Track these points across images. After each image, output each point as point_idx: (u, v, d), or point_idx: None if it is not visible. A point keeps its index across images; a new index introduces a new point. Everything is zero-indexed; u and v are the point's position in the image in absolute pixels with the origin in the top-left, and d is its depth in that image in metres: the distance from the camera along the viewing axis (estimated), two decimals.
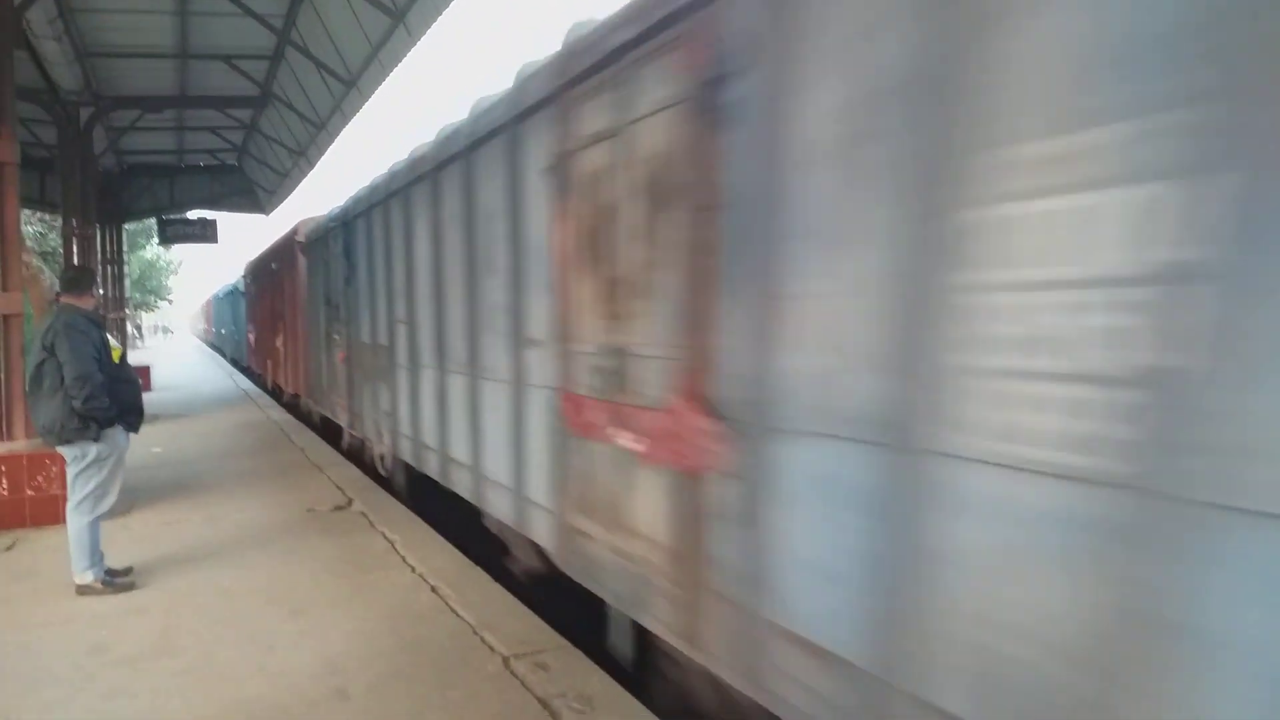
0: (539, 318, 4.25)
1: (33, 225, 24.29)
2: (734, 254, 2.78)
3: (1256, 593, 1.52)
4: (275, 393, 16.34)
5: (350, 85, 12.10)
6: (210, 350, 40.94)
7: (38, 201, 18.84)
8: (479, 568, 5.22)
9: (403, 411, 6.92)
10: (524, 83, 4.39)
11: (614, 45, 3.39)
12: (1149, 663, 1.66)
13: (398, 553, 5.61)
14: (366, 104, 12.60)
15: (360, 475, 8.31)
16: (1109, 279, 1.72)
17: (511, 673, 3.71)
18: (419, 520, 6.44)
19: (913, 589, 2.15)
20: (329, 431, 10.87)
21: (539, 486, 4.35)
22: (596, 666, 3.77)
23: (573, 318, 3.84)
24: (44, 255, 22.78)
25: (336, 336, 9.38)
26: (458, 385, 5.55)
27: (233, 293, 25.85)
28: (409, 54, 10.65)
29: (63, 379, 4.73)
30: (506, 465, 4.78)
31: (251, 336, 19.75)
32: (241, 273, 22.19)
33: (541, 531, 4.38)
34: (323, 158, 16.14)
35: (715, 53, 2.81)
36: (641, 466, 3.31)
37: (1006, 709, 1.94)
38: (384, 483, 7.87)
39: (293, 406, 14.09)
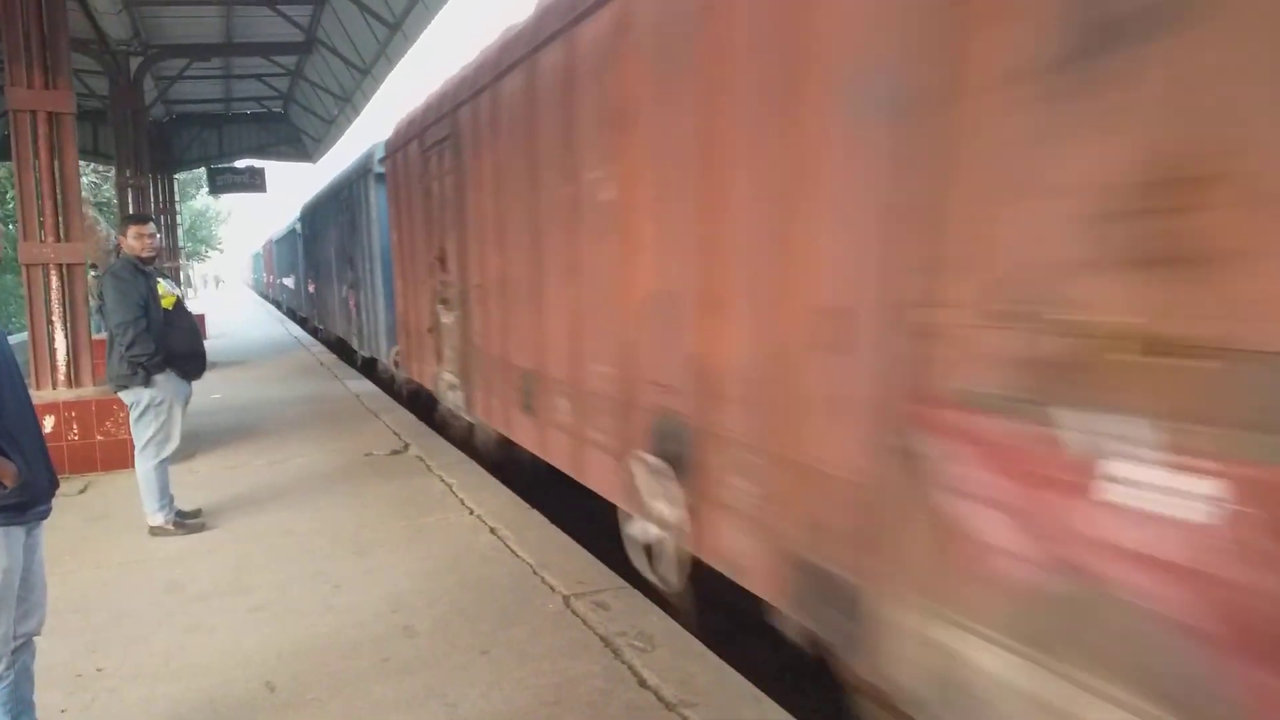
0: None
1: (87, 176, 24.71)
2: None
3: None
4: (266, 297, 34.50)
5: (395, 29, 12.00)
6: (259, 297, 43.66)
7: (91, 153, 19.11)
8: (536, 510, 5.30)
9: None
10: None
11: None
12: None
13: (455, 495, 5.70)
14: (412, 48, 12.50)
15: (415, 420, 8.44)
16: None
17: (573, 612, 3.78)
18: (474, 464, 6.53)
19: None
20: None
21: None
22: (655, 606, 3.81)
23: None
24: (99, 206, 23.21)
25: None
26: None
27: (260, 253, 43.44)
28: None
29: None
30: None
31: (268, 276, 36.44)
32: (260, 248, 42.01)
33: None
34: (369, 104, 16.10)
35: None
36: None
37: None
38: (439, 428, 7.99)
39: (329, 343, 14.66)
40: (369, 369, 12.38)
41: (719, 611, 3.77)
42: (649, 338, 3.67)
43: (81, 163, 19.90)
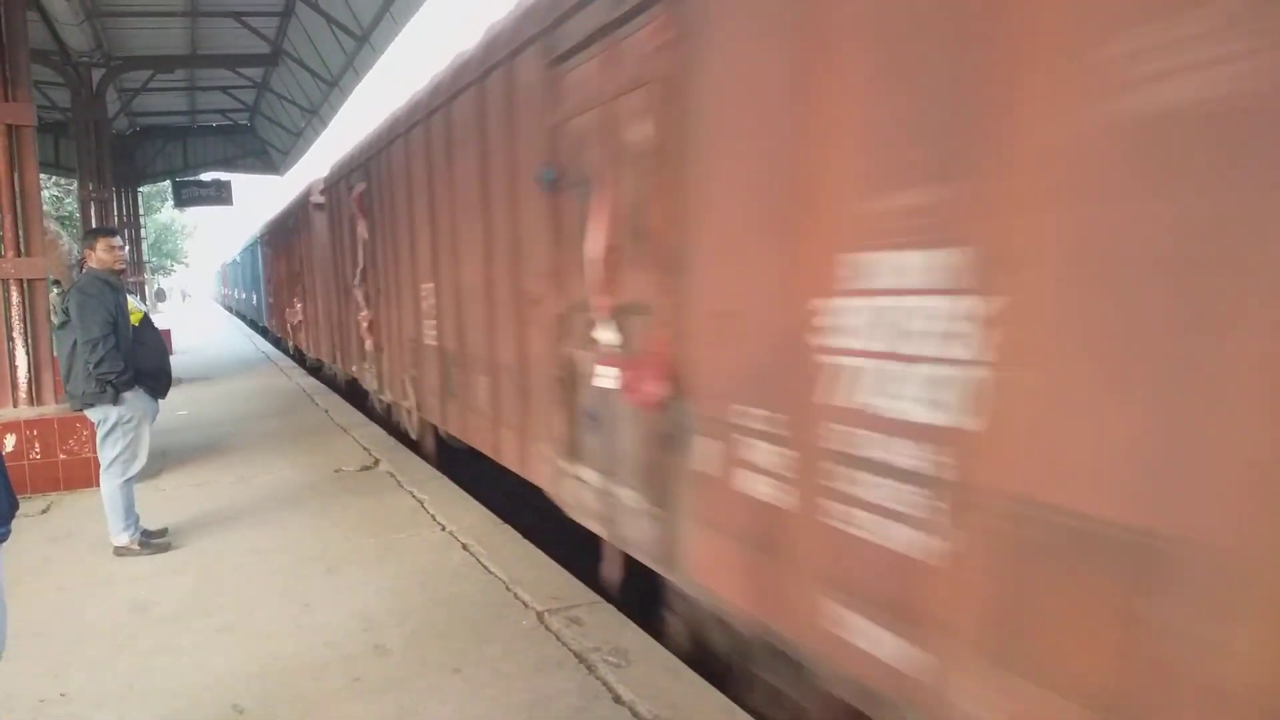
0: None
1: (48, 189, 24.32)
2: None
3: None
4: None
5: (362, 41, 11.97)
6: (222, 308, 47.16)
7: (53, 165, 18.85)
8: (508, 526, 5.27)
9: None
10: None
11: None
12: None
13: (427, 511, 5.66)
14: (380, 60, 12.47)
15: (385, 435, 8.37)
16: None
17: (546, 628, 3.76)
18: (446, 480, 6.48)
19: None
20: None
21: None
22: (629, 621, 3.80)
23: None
24: (61, 220, 22.84)
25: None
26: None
27: (220, 272, 53.06)
28: (422, 7, 10.51)
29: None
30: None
31: (225, 289, 47.37)
32: (219, 268, 52.83)
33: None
34: (336, 116, 16.03)
35: None
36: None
37: None
38: (411, 443, 7.93)
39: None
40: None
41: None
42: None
43: (42, 176, 19.59)
